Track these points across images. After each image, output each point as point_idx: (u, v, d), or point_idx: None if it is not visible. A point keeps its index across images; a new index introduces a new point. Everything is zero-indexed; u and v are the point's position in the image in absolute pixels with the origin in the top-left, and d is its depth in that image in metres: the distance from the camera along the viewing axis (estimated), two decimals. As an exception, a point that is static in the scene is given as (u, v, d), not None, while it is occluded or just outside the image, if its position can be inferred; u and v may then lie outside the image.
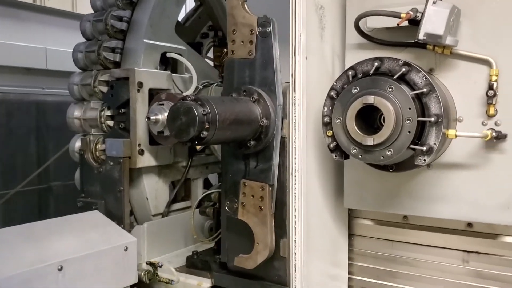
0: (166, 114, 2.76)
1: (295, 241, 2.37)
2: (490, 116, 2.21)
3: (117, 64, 3.07)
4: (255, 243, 2.43)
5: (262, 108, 2.40)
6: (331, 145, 2.25)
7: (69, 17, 5.57)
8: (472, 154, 2.26)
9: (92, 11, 3.32)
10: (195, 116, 2.07)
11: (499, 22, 2.18)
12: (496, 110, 2.19)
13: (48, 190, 5.44)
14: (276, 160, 2.42)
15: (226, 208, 2.55)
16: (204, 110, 2.11)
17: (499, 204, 2.23)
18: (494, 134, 2.14)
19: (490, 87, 2.18)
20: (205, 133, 2.12)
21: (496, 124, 2.20)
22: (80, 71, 3.26)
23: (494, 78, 2.17)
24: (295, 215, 2.36)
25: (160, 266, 2.83)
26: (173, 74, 3.18)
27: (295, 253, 2.37)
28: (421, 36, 2.12)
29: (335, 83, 2.23)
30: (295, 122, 2.34)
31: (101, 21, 3.11)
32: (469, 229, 2.50)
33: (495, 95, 2.17)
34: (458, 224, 2.51)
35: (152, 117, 2.78)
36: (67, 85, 3.38)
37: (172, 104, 2.76)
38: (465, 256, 2.53)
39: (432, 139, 2.04)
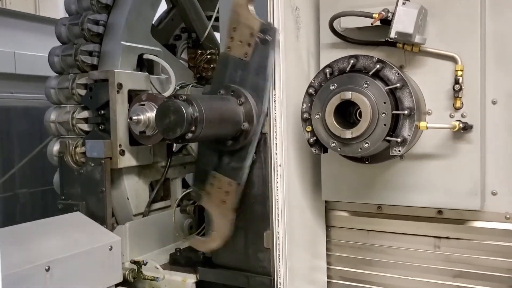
0: (148, 114, 2.82)
1: (278, 232, 2.47)
2: (457, 109, 2.37)
3: (94, 67, 3.10)
4: (210, 231, 2.54)
5: (246, 112, 2.45)
6: (311, 140, 2.36)
7: (35, 20, 5.50)
8: (441, 145, 2.41)
9: (65, 15, 3.34)
10: (183, 115, 2.14)
11: (462, 21, 2.34)
12: (462, 103, 2.35)
13: (14, 198, 5.35)
14: (249, 162, 2.48)
15: (192, 193, 2.64)
16: (192, 110, 2.17)
17: (467, 191, 2.38)
18: (461, 125, 2.29)
19: (456, 81, 2.33)
20: (189, 135, 2.19)
21: (462, 116, 2.36)
22: (57, 75, 3.27)
23: (459, 73, 2.32)
24: (277, 208, 2.46)
25: (145, 264, 2.88)
26: (150, 76, 3.24)
27: (279, 244, 2.47)
28: (392, 34, 2.26)
29: (313, 81, 2.35)
30: (275, 119, 2.44)
31: (77, 25, 3.12)
32: (439, 216, 2.64)
33: (461, 89, 2.33)
34: (429, 212, 2.65)
35: (134, 118, 2.82)
36: (36, 90, 3.35)
37: (153, 104, 2.83)
38: (436, 241, 2.68)
39: (406, 131, 2.18)
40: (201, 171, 2.63)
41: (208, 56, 3.71)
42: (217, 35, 3.87)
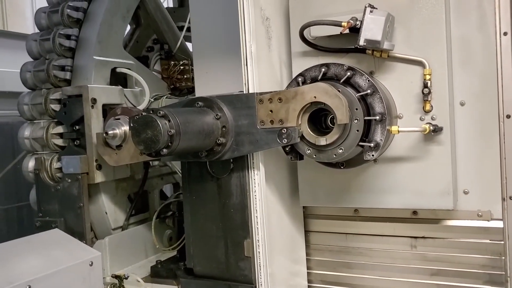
0: (123, 128, 2.82)
1: (258, 240, 2.49)
2: (427, 112, 2.42)
3: (67, 82, 3.10)
4: None
5: (223, 126, 2.41)
6: (287, 148, 2.40)
7: (3, 36, 5.44)
8: (413, 147, 2.47)
9: (35, 29, 3.34)
10: (161, 131, 2.11)
11: (428, 26, 2.40)
12: (432, 106, 2.41)
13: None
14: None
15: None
16: (169, 126, 2.15)
17: (440, 191, 2.44)
18: (431, 127, 2.35)
19: (425, 85, 2.39)
20: (165, 150, 2.17)
21: (432, 118, 2.42)
22: (29, 91, 3.25)
23: (428, 77, 2.38)
24: (256, 216, 2.48)
25: (126, 278, 2.88)
26: (124, 89, 3.24)
27: (259, 252, 2.49)
28: (361, 42, 2.31)
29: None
30: (251, 128, 2.46)
31: (48, 40, 3.12)
32: (414, 217, 2.70)
33: (429, 92, 2.39)
34: (404, 213, 2.71)
35: (110, 132, 2.82)
36: (7, 106, 3.28)
37: (128, 118, 2.83)
38: (413, 241, 2.73)
39: (378, 136, 2.24)
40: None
41: (181, 67, 3.73)
42: (189, 45, 3.90)
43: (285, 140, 2.29)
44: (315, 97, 2.21)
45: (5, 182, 4.59)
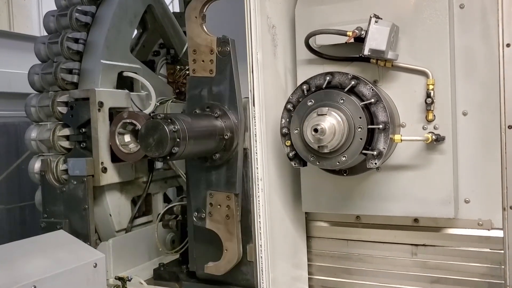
0: None
1: (260, 245, 2.51)
2: (429, 121, 2.46)
3: (75, 85, 3.13)
4: (224, 250, 2.57)
5: (225, 122, 2.56)
6: (290, 154, 2.43)
7: (9, 37, 5.47)
8: (415, 156, 2.50)
9: (41, 31, 3.39)
10: (166, 133, 2.19)
11: (432, 37, 2.44)
12: (434, 115, 2.44)
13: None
14: (240, 171, 2.56)
15: (194, 218, 2.67)
16: (174, 127, 2.23)
17: (441, 200, 2.47)
18: (434, 137, 2.38)
19: (428, 95, 2.42)
20: (176, 148, 2.25)
21: (435, 128, 2.45)
22: (37, 93, 3.28)
23: (431, 87, 2.42)
24: (259, 221, 2.51)
25: (129, 280, 2.90)
26: (130, 93, 3.27)
27: (261, 257, 2.52)
28: (366, 51, 2.35)
29: (291, 97, 2.42)
30: (255, 135, 2.49)
31: (56, 43, 3.16)
32: (415, 224, 2.72)
33: (432, 102, 2.42)
34: (406, 220, 2.74)
35: None
36: (13, 106, 3.30)
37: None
38: (414, 249, 2.76)
39: (381, 144, 2.27)
40: (197, 195, 2.70)
41: (187, 72, 3.76)
42: (195, 50, 3.92)
43: None
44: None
45: (9, 181, 4.62)
